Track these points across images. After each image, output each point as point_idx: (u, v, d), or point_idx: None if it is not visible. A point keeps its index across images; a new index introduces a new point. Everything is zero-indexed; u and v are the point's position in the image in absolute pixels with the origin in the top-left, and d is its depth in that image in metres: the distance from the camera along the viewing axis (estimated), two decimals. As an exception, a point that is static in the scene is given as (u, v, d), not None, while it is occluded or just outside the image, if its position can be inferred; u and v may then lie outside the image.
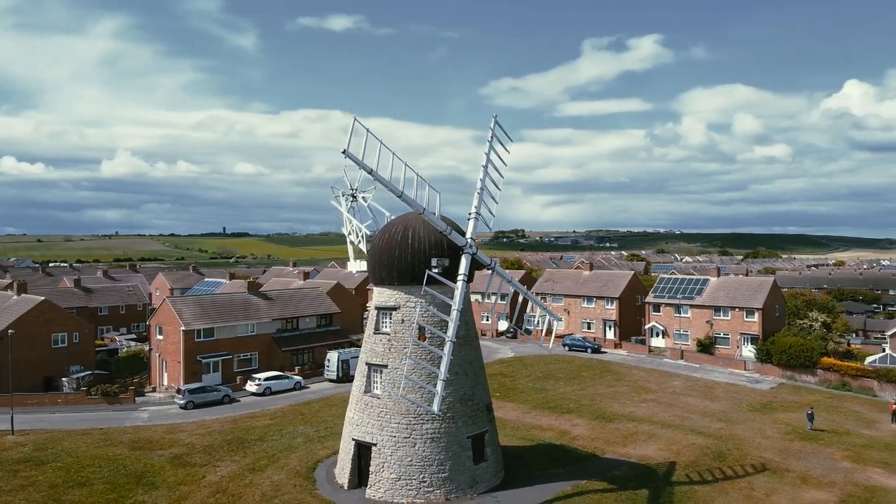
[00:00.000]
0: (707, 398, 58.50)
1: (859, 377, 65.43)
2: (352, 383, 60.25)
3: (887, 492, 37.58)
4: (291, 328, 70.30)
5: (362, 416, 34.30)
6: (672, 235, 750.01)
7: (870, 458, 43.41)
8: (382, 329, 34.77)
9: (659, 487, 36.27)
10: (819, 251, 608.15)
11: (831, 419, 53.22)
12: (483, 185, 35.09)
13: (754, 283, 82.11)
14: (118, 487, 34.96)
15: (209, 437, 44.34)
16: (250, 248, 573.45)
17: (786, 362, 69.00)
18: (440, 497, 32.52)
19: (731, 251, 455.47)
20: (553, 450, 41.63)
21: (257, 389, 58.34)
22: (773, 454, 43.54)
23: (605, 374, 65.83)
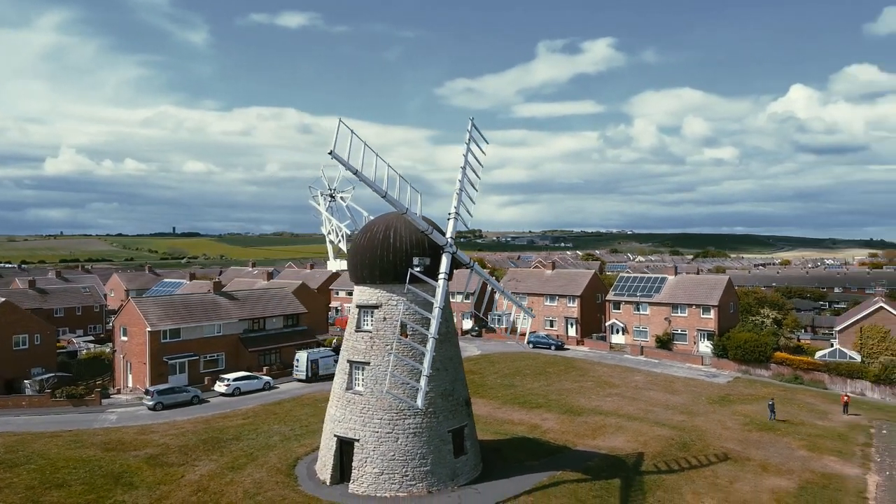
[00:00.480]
0: (668, 392, 60.60)
1: (811, 371, 68.53)
2: (321, 383, 61.37)
3: (843, 478, 39.81)
4: (258, 328, 70.08)
5: (344, 413, 34.86)
6: (624, 235, 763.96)
7: (825, 447, 45.80)
8: (364, 327, 35.38)
9: (630, 477, 37.77)
10: (765, 251, 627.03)
11: (786, 411, 55.72)
12: (462, 185, 36.02)
13: (710, 281, 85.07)
14: (96, 488, 34.76)
15: (183, 437, 44.21)
16: (202, 248, 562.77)
17: (741, 357, 71.81)
18: (422, 490, 33.33)
19: (681, 251, 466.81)
20: (527, 443, 42.85)
21: (226, 390, 58.14)
22: (733, 444, 45.58)
23: (570, 371, 67.49)
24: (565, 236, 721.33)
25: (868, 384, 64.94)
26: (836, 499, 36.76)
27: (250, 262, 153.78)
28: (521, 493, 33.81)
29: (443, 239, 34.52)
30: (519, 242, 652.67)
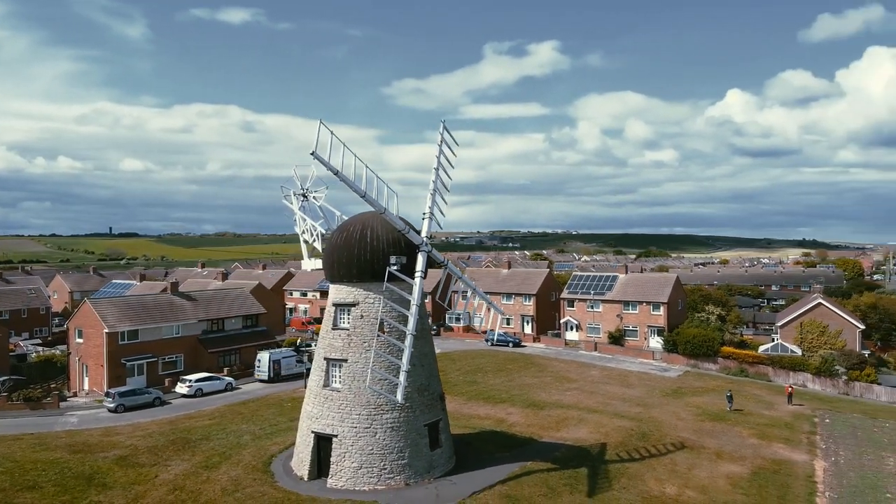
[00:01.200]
0: (624, 385, 62.85)
1: (756, 364, 71.92)
2: (284, 383, 61.51)
3: (792, 464, 42.34)
4: (217, 329, 69.53)
5: (322, 410, 35.42)
6: (570, 236, 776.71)
7: (773, 436, 48.47)
8: (341, 325, 36.00)
9: (595, 466, 39.42)
10: (704, 251, 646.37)
11: (736, 402, 58.42)
12: (436, 186, 37.03)
13: (659, 279, 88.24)
14: (69, 489, 34.46)
15: (150, 438, 43.94)
16: (141, 248, 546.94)
17: (690, 352, 74.80)
18: (400, 483, 34.19)
19: (624, 251, 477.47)
20: (495, 436, 44.14)
21: (188, 391, 57.71)
22: (689, 433, 47.85)
23: (530, 367, 69.22)
24: (513, 236, 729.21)
25: (809, 376, 68.52)
26: (786, 483, 39.11)
27: (199, 263, 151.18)
28: (496, 483, 35.03)
29: (419, 238, 35.48)
30: (468, 242, 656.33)
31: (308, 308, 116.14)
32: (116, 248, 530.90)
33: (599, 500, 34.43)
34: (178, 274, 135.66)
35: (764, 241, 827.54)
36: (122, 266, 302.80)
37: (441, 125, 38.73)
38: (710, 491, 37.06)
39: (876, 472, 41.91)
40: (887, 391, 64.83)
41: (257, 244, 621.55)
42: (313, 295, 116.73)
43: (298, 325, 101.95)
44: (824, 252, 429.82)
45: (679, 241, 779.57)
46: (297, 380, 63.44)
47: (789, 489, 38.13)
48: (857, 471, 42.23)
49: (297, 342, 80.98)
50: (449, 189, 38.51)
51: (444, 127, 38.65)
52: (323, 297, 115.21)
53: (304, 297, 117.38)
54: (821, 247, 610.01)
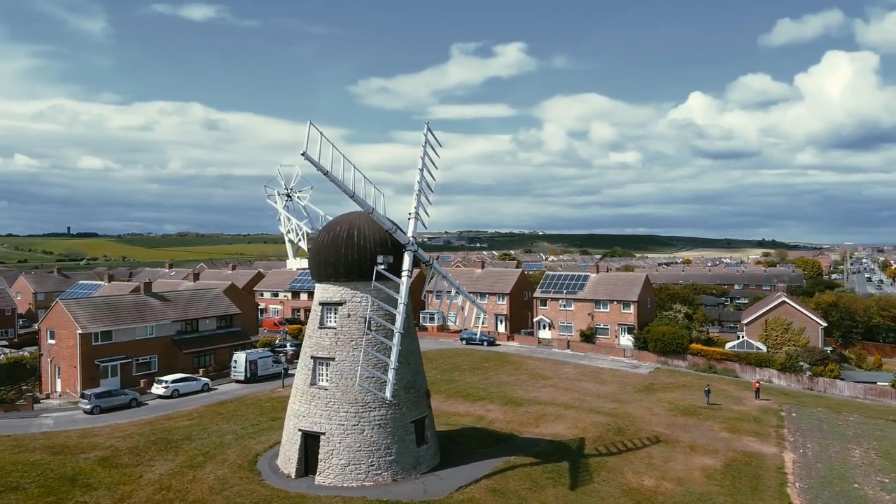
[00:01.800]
0: (598, 382, 64.14)
1: (723, 361, 73.91)
2: (261, 384, 61.45)
3: (762, 456, 43.82)
4: (191, 330, 69.03)
5: (309, 408, 35.70)
6: (536, 236, 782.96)
7: (743, 429, 50.04)
8: (328, 324, 36.32)
9: (576, 460, 40.38)
10: (667, 251, 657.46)
11: (704, 397, 60.13)
12: (421, 187, 37.59)
13: (629, 278, 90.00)
14: (53, 490, 34.19)
15: (130, 439, 43.65)
16: (101, 249, 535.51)
17: (660, 349, 76.54)
18: (388, 479, 34.67)
19: (590, 251, 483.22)
20: (476, 432, 44.86)
21: (165, 392, 57.30)
22: (662, 428, 49.16)
23: (505, 365, 70.15)
24: (480, 237, 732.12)
25: (775, 372, 70.68)
26: (758, 474, 40.51)
27: (167, 264, 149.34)
28: (482, 478, 35.73)
29: (405, 237, 36.02)
30: (435, 243, 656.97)
31: (279, 309, 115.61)
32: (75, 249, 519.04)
33: (582, 493, 35.33)
34: (146, 274, 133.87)
35: (724, 241, 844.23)
36: (82, 267, 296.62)
37: (425, 126, 39.28)
38: (686, 483, 38.24)
39: (843, 464, 43.63)
40: (850, 386, 67.26)
41: (221, 244, 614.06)
42: (284, 295, 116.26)
43: (270, 326, 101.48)
44: (783, 252, 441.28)
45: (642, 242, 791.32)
46: (274, 380, 63.44)
47: (761, 480, 39.50)
48: (825, 462, 43.90)
49: (276, 342, 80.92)
50: (433, 190, 39.12)
51: (427, 128, 39.21)
52: (294, 297, 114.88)
53: (276, 298, 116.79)
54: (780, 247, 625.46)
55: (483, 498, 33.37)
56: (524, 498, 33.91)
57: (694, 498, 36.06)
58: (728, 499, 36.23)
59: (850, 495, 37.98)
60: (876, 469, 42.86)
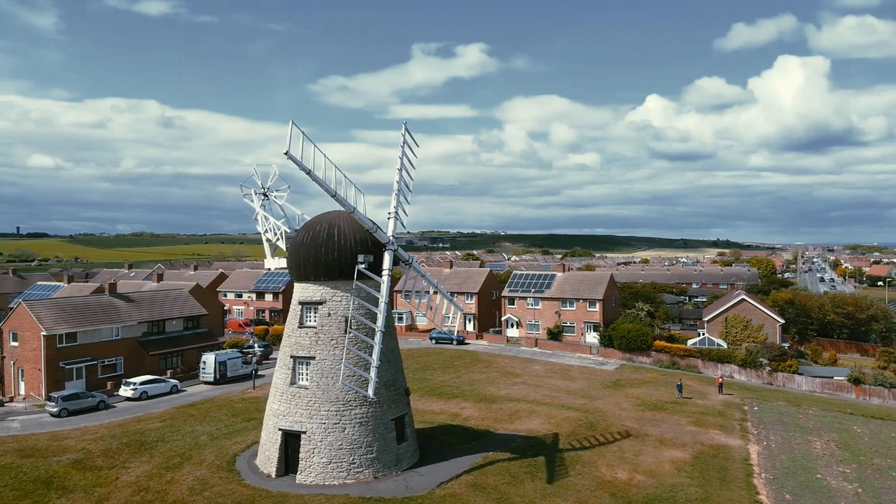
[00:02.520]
0: (566, 379, 65.24)
1: (686, 357, 75.77)
2: (230, 385, 60.95)
3: (729, 449, 45.25)
4: (158, 331, 68.00)
5: (289, 407, 35.72)
6: (498, 236, 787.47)
7: (709, 423, 51.56)
8: (307, 323, 36.39)
9: (551, 454, 41.19)
10: (625, 250, 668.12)
11: (670, 392, 61.70)
12: (400, 187, 37.92)
13: (595, 277, 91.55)
14: (29, 493, 33.59)
15: (102, 441, 42.97)
16: (52, 249, 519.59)
17: (625, 346, 78.09)
18: (369, 476, 34.92)
19: (551, 251, 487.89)
20: (453, 429, 45.36)
21: (133, 394, 56.40)
22: (632, 423, 50.35)
23: (476, 363, 70.80)
24: (443, 237, 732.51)
25: (736, 368, 72.75)
26: (725, 466, 41.85)
27: (126, 264, 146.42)
28: (462, 473, 36.25)
29: (386, 237, 36.32)
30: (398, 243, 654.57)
31: (243, 310, 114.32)
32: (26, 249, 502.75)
33: (559, 487, 36.10)
34: (105, 275, 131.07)
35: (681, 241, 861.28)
36: (34, 268, 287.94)
37: (403, 126, 39.59)
38: (657, 475, 39.33)
39: (805, 455, 45.33)
40: (807, 381, 69.64)
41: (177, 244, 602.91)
42: (248, 296, 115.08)
43: (235, 327, 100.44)
44: (738, 252, 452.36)
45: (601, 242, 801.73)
46: (243, 381, 63.02)
47: (728, 472, 40.83)
48: (788, 454, 45.56)
49: (245, 343, 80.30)
50: (411, 189, 39.49)
51: (405, 129, 39.52)
52: (259, 298, 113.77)
53: (239, 299, 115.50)
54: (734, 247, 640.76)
55: (464, 493, 33.86)
56: (504, 492, 34.52)
57: (666, 490, 37.12)
58: (698, 490, 37.38)
59: (814, 485, 39.53)
60: (837, 460, 44.64)
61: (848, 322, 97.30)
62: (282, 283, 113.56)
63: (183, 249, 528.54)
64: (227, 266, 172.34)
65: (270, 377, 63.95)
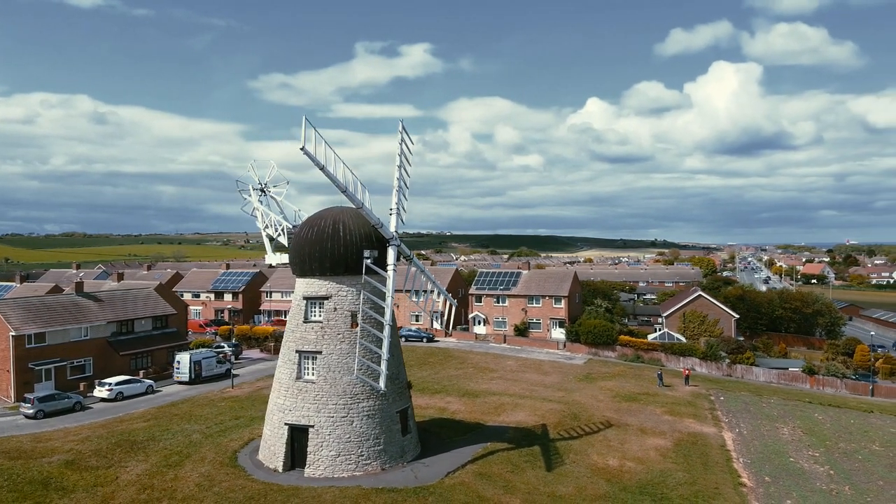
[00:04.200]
0: (540, 373, 66.84)
1: (650, 351, 78.44)
2: (206, 385, 60.26)
3: (705, 436, 47.46)
4: (127, 331, 66.51)
5: (295, 402, 35.89)
6: (444, 237, 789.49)
7: (682, 412, 53.82)
8: (312, 318, 36.63)
9: (544, 444, 42.50)
10: (568, 250, 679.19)
11: (639, 385, 63.95)
12: (400, 184, 38.55)
13: (560, 274, 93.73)
14: (28, 495, 32.83)
15: (89, 442, 42.10)
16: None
17: (592, 341, 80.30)
18: (377, 468, 35.44)
19: (498, 251, 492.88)
20: (445, 423, 46.20)
21: (109, 395, 55.20)
22: (611, 413, 52.18)
23: (449, 360, 71.73)
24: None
25: (697, 360, 75.75)
26: (705, 452, 43.93)
27: (74, 264, 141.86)
28: (466, 463, 37.17)
29: (389, 232, 36.92)
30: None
31: (201, 310, 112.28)
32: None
33: (558, 474, 37.39)
34: (49, 276, 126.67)
35: (620, 241, 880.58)
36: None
37: (400, 125, 40.20)
38: (645, 462, 41.08)
39: (775, 441, 47.93)
40: (765, 372, 73.14)
41: (111, 245, 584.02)
42: (207, 296, 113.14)
43: (196, 328, 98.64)
44: (676, 252, 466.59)
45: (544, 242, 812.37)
46: (218, 381, 62.38)
47: (709, 457, 42.91)
48: (760, 440, 48.08)
49: (214, 343, 79.23)
50: (409, 186, 40.12)
51: (402, 126, 40.14)
52: (218, 298, 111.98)
53: (197, 299, 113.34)
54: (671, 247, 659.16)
55: (471, 481, 34.77)
56: (509, 480, 35.59)
57: (656, 475, 38.83)
58: (685, 475, 39.23)
59: (788, 468, 41.94)
60: (805, 445, 47.38)
61: (795, 317, 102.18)
62: (241, 282, 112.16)
63: (118, 250, 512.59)
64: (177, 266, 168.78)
65: (246, 376, 63.90)
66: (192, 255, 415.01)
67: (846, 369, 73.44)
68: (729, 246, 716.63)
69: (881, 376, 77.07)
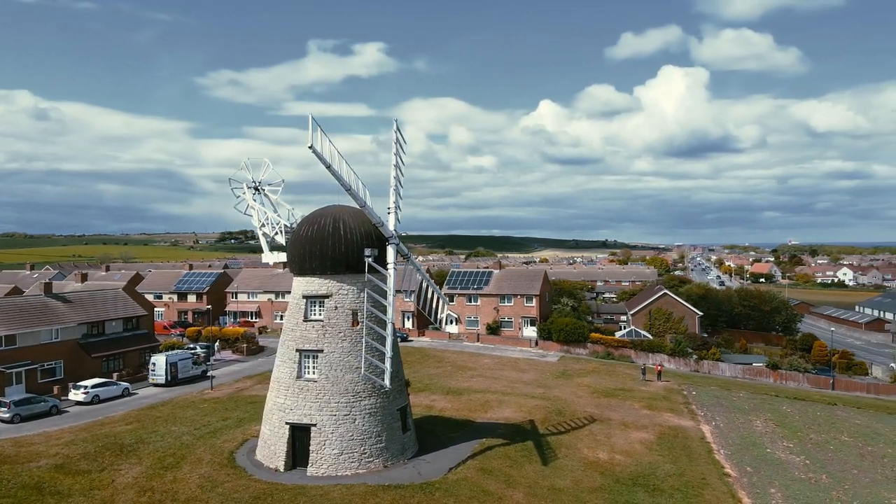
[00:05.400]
0: (518, 371, 67.81)
1: (620, 348, 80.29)
2: (183, 387, 59.39)
3: (684, 429, 48.99)
4: (98, 333, 64.96)
5: (297, 401, 35.82)
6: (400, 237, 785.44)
7: (659, 407, 55.38)
8: (313, 317, 36.61)
9: (537, 439, 43.34)
10: (523, 251, 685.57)
11: (614, 381, 65.49)
12: (397, 183, 38.85)
13: (531, 273, 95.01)
14: (22, 500, 31.98)
15: (74, 446, 41.10)
16: None
17: (563, 339, 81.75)
18: (379, 465, 35.64)
19: (455, 251, 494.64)
20: (437, 420, 46.63)
21: (85, 398, 53.86)
22: (593, 408, 53.39)
23: (427, 359, 72.13)
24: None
25: (665, 357, 77.88)
26: (687, 445, 45.38)
27: (28, 265, 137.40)
28: (467, 459, 37.70)
29: (389, 231, 37.20)
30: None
31: (164, 311, 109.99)
32: None
33: (554, 468, 38.24)
34: (5, 277, 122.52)
35: (572, 241, 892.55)
36: None
37: (394, 124, 40.48)
38: (633, 454, 42.28)
39: (750, 433, 49.79)
40: (730, 367, 75.67)
41: (54, 246, 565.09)
42: (169, 297, 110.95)
43: (160, 329, 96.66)
44: (628, 252, 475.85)
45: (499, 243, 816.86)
46: (195, 382, 61.53)
47: (692, 449, 44.37)
48: (736, 432, 49.87)
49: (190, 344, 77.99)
50: (403, 186, 40.43)
51: (396, 126, 40.43)
52: (181, 299, 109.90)
53: (160, 300, 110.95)
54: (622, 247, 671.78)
55: (475, 476, 35.30)
56: (509, 474, 36.25)
57: (645, 467, 40.04)
58: (672, 466, 40.54)
59: (767, 459, 43.69)
60: (779, 436, 49.35)
61: (754, 314, 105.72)
62: (206, 283, 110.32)
63: (62, 251, 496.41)
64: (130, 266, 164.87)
65: (223, 378, 63.07)
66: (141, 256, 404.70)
67: (807, 364, 76.47)
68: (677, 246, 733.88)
69: (837, 371, 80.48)
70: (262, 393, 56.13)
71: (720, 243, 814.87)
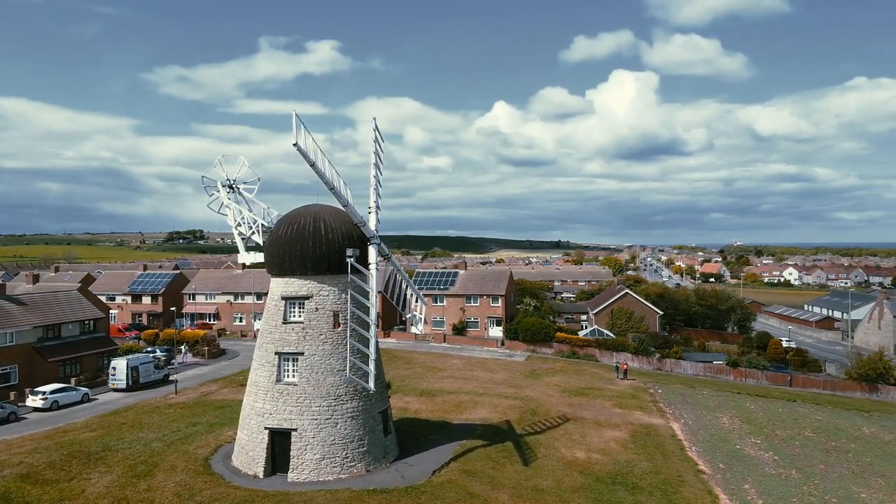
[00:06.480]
0: (487, 371, 67.80)
1: (584, 347, 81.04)
2: (144, 392, 57.66)
3: (655, 427, 49.64)
4: (54, 336, 62.55)
5: (276, 405, 34.97)
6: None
7: (629, 405, 56.02)
8: (292, 318, 35.81)
9: (515, 440, 43.32)
10: (478, 251, 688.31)
11: (583, 380, 66.02)
12: (377, 181, 38.30)
13: (496, 273, 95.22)
14: (-10, 514, 30.53)
15: (38, 454, 39.35)
16: None
17: (530, 338, 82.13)
18: (362, 470, 35.06)
19: (411, 251, 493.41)
20: (413, 422, 46.17)
21: (44, 404, 51.75)
22: (565, 408, 53.70)
23: (395, 360, 71.51)
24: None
25: (629, 355, 78.89)
26: (660, 442, 45.99)
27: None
28: (450, 461, 37.37)
29: (371, 231, 36.64)
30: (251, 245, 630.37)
31: (117, 313, 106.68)
32: None
33: (535, 468, 38.25)
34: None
35: (526, 242, 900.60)
36: None
37: (373, 122, 39.92)
38: (609, 453, 42.63)
39: (718, 429, 50.76)
40: (692, 365, 77.09)
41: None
42: (123, 299, 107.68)
43: (115, 332, 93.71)
44: (582, 252, 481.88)
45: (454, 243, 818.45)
46: (157, 387, 59.82)
47: (665, 447, 44.98)
48: (705, 429, 50.78)
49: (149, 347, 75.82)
50: (382, 185, 39.90)
51: (375, 125, 39.88)
52: (135, 301, 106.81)
53: (113, 302, 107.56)
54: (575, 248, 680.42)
55: (459, 479, 35.02)
56: (493, 476, 36.09)
57: (622, 465, 40.40)
58: (648, 464, 41.01)
59: (737, 454, 44.59)
60: (746, 433, 50.43)
61: (710, 313, 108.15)
62: (161, 284, 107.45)
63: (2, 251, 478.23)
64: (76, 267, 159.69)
65: (187, 382, 61.37)
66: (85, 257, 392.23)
67: (764, 361, 78.47)
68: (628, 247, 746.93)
69: (793, 368, 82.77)
70: (229, 397, 54.89)
71: (669, 244, 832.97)
